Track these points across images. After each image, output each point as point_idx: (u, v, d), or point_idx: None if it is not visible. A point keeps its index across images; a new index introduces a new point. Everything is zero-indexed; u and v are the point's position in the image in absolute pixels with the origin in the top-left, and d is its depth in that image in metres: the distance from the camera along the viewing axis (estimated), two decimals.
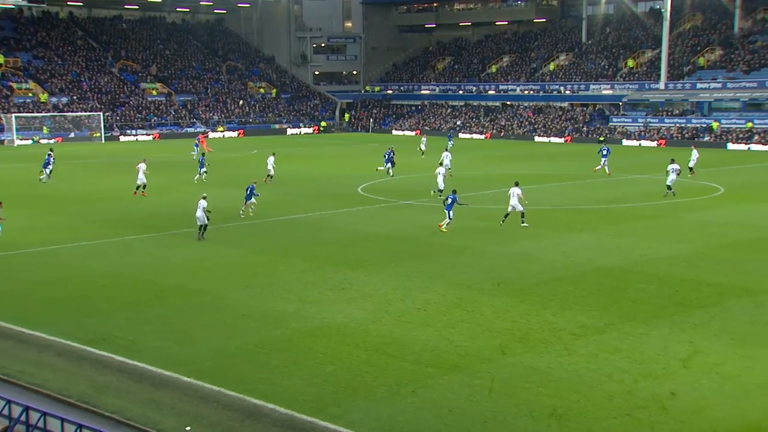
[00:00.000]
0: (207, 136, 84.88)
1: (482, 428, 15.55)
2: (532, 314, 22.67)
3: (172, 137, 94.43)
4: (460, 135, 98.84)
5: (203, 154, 55.71)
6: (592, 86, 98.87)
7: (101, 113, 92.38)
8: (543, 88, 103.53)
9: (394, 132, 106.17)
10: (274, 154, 52.47)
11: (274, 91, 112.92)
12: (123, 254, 30.75)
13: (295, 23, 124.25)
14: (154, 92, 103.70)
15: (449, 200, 35.33)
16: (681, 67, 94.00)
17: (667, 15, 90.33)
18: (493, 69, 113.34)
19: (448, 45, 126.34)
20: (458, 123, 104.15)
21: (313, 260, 29.69)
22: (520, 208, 35.88)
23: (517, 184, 36.61)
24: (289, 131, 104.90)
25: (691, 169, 52.51)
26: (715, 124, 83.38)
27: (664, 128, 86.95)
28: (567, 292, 25.30)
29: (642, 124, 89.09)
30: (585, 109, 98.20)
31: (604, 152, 55.12)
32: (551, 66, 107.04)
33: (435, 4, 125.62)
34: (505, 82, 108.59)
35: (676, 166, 44.65)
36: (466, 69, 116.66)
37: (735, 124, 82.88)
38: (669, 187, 43.97)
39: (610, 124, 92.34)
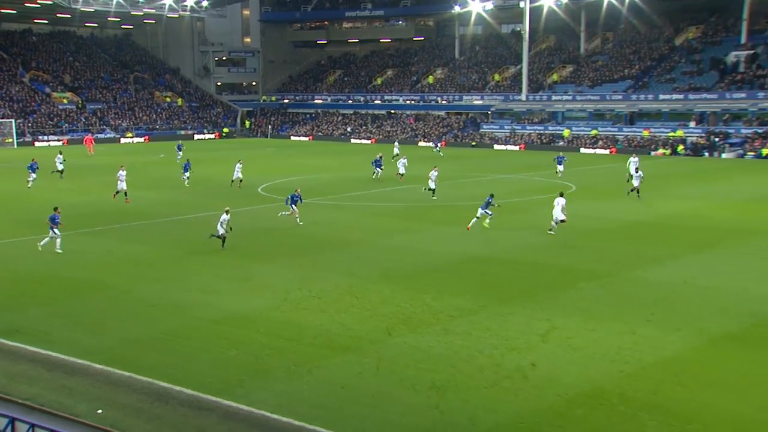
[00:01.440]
0: (93, 140, 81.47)
1: (371, 402, 15.68)
2: (415, 299, 22.93)
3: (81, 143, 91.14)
4: (351, 140, 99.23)
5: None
6: (465, 97, 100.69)
7: (13, 120, 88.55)
8: (423, 98, 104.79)
9: (292, 138, 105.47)
10: (240, 161, 50.32)
11: (180, 100, 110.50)
12: (37, 252, 29.55)
13: (198, 38, 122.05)
14: (65, 101, 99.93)
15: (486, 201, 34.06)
16: (539, 81, 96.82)
17: (526, 36, 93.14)
18: (379, 81, 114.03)
19: (338, 59, 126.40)
20: (348, 129, 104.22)
21: (218, 254, 29.25)
22: (561, 217, 32.65)
23: (561, 195, 33.68)
24: (196, 137, 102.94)
25: (630, 176, 49.54)
26: (566, 132, 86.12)
27: (526, 134, 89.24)
28: (445, 279, 25.70)
29: (508, 131, 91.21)
30: (459, 117, 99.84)
31: (560, 160, 54.63)
32: (429, 79, 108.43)
33: (326, 23, 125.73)
34: (389, 92, 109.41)
35: (639, 172, 43.38)
36: (355, 81, 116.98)
37: (583, 131, 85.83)
38: (635, 189, 42.60)
39: (481, 130, 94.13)
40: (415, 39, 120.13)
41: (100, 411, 14.91)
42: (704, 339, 19.17)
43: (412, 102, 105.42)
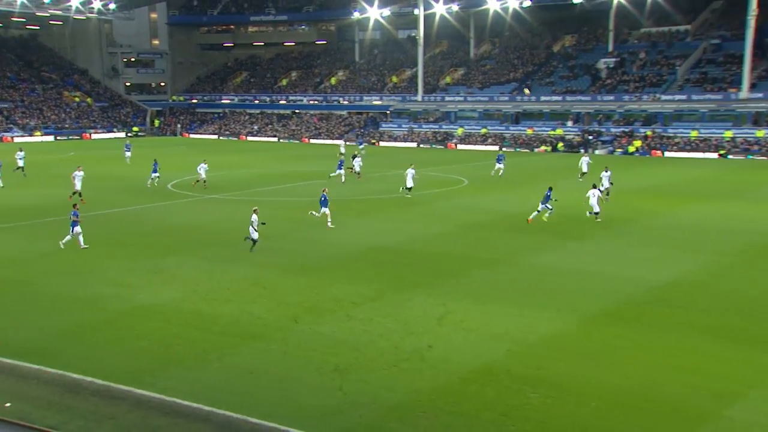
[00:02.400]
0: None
1: (278, 385, 15.58)
2: (320, 288, 22.88)
3: None
4: (257, 138, 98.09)
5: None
6: (365, 97, 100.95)
7: None
8: (325, 98, 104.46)
9: (202, 136, 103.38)
10: (205, 161, 47.95)
11: (89, 99, 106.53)
12: None
13: (106, 40, 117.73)
14: None
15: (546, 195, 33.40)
16: (433, 83, 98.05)
17: (421, 41, 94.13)
18: (284, 82, 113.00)
19: (245, 61, 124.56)
20: (255, 128, 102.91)
21: (130, 249, 28.44)
22: (597, 209, 33.45)
23: (594, 186, 34.44)
24: (104, 135, 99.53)
25: (584, 173, 49.57)
26: (460, 130, 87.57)
27: (422, 132, 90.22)
28: (348, 268, 25.75)
29: (406, 129, 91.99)
30: (360, 116, 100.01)
31: (500, 158, 52.83)
32: (332, 80, 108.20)
33: (232, 27, 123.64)
34: (294, 93, 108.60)
35: (607, 173, 40.59)
36: (261, 82, 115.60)
37: (474, 129, 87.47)
38: (606, 192, 39.51)
39: (380, 129, 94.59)
40: (317, 43, 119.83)
41: (8, 405, 14.26)
42: (581, 318, 19.86)
43: (316, 102, 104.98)
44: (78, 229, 28.12)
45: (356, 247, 29.06)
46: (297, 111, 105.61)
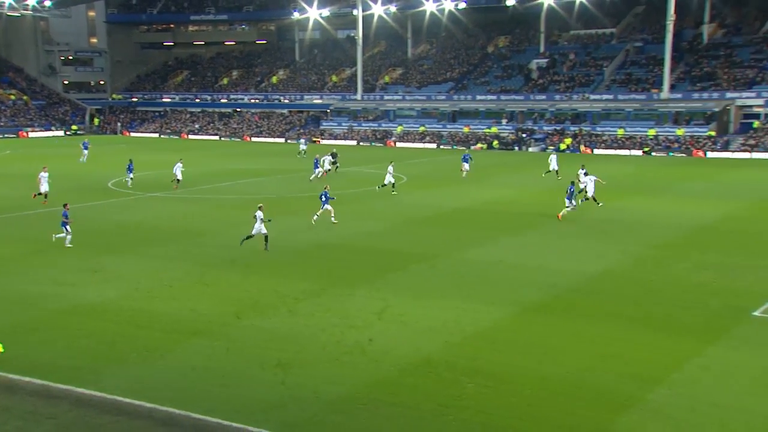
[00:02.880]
0: None
1: (221, 381, 15.41)
2: (262, 284, 22.72)
3: None
4: (199, 136, 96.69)
5: None
6: (306, 96, 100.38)
7: None
8: (267, 97, 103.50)
9: (143, 134, 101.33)
10: (181, 160, 46.48)
11: (26, 97, 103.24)
12: None
13: (42, 37, 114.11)
14: None
15: (569, 190, 33.61)
16: (372, 82, 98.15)
17: (360, 41, 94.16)
18: (225, 81, 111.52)
19: (185, 60, 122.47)
20: (196, 126, 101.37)
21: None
22: (591, 193, 36.52)
23: (585, 172, 37.41)
24: (42, 134, 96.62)
25: (557, 172, 49.18)
26: (399, 128, 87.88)
27: (362, 130, 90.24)
28: (290, 264, 25.62)
29: (346, 127, 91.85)
30: (301, 115, 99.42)
31: (466, 158, 51.21)
32: (273, 79, 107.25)
33: (171, 26, 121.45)
34: (235, 92, 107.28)
35: (592, 177, 38.02)
36: (202, 81, 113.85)
37: (413, 127, 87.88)
38: (594, 199, 37.11)
39: (321, 127, 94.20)
40: (258, 42, 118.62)
41: None
42: (516, 310, 20.18)
43: (257, 101, 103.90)
44: (69, 228, 27.66)
45: (298, 244, 28.92)
46: (238, 109, 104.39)
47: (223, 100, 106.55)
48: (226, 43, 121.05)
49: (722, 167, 57.19)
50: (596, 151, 72.92)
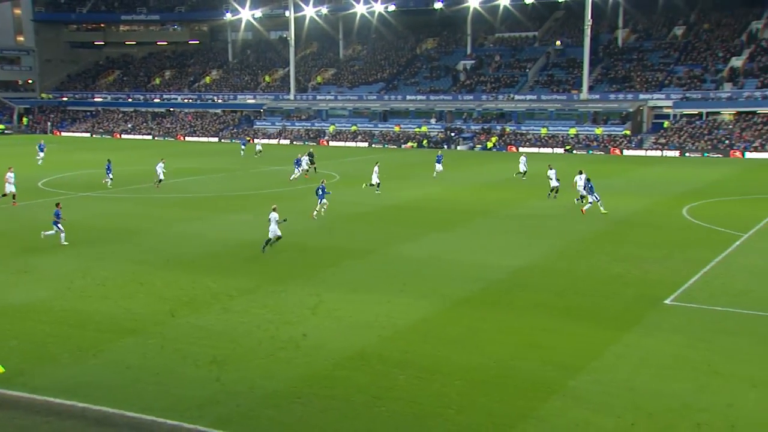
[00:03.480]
0: None
1: (155, 379, 15.09)
2: (197, 282, 22.34)
3: None
4: (132, 136, 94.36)
5: None
6: (239, 96, 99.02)
7: None
8: (200, 97, 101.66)
9: (74, 134, 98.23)
10: (163, 160, 45.05)
11: None
12: None
13: None
14: None
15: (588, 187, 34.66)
16: (305, 83, 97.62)
17: (292, 42, 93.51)
18: (157, 81, 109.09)
19: (117, 60, 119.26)
20: (129, 126, 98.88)
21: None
22: (582, 192, 35.57)
23: (581, 172, 36.58)
24: None
25: (524, 173, 47.41)
26: (331, 128, 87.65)
27: (295, 130, 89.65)
28: (224, 262, 25.27)
29: (279, 127, 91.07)
30: (235, 114, 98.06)
31: (439, 159, 49.22)
32: (207, 79, 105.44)
33: (102, 25, 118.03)
34: (168, 92, 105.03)
35: (582, 176, 36.87)
36: (134, 80, 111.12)
37: (345, 126, 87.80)
38: (582, 197, 36.11)
39: (255, 126, 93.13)
40: (190, 42, 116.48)
41: None
42: (446, 303, 20.38)
43: (191, 100, 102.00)
44: (61, 227, 27.27)
45: (232, 242, 28.56)
46: (172, 109, 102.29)
47: (156, 100, 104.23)
48: (159, 43, 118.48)
49: (637, 164, 59.04)
50: (521, 149, 74.27)
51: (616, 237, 29.38)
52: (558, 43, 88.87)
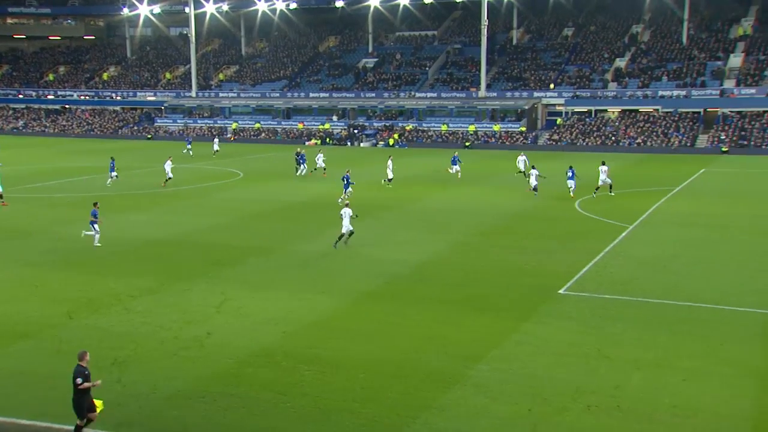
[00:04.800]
0: None
1: (50, 383, 14.47)
2: (97, 283, 21.56)
3: None
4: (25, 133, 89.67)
5: None
6: (139, 93, 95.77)
7: None
8: (98, 94, 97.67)
9: None
10: (170, 158, 43.34)
11: None
12: None
13: None
14: None
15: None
16: (207, 80, 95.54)
17: (193, 39, 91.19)
18: (51, 77, 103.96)
19: (5, 54, 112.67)
20: (21, 123, 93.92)
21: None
22: (608, 181, 38.12)
23: (604, 163, 38.56)
24: None
25: (457, 172, 46.02)
26: (234, 125, 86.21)
27: (197, 127, 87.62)
28: (126, 262, 24.50)
29: (181, 124, 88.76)
30: (134, 112, 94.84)
31: (455, 160, 46.59)
32: (104, 76, 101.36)
33: None
34: (63, 88, 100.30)
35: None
36: (25, 76, 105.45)
37: (248, 124, 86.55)
38: (605, 186, 38.24)
39: (156, 124, 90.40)
40: (85, 37, 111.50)
41: None
42: (350, 298, 20.46)
43: (87, 97, 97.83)
44: (97, 228, 26.31)
45: (133, 241, 27.68)
46: (68, 106, 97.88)
47: (50, 96, 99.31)
48: (51, 37, 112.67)
49: (533, 160, 60.81)
50: (423, 146, 75.29)
51: (514, 230, 30.25)
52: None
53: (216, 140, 67.23)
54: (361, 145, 77.22)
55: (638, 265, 23.93)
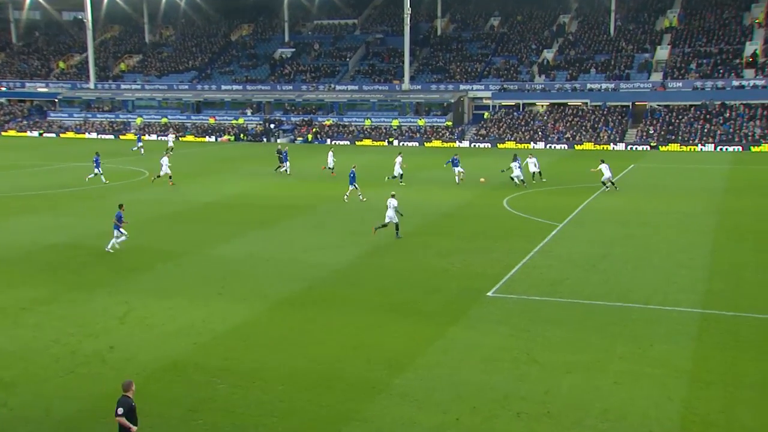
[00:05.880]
0: None
1: None
2: None
3: None
4: None
5: None
6: (27, 84, 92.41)
7: None
8: None
9: None
10: (168, 151, 42.79)
11: None
12: None
13: None
14: None
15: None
16: (107, 70, 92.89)
17: (89, 24, 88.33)
18: None
19: None
20: None
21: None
22: (607, 175, 39.21)
23: (603, 161, 40.27)
24: None
25: (401, 175, 44.57)
26: (139, 120, 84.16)
27: (97, 122, 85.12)
28: (14, 271, 23.59)
29: (79, 119, 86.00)
30: (23, 104, 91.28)
31: (455, 162, 45.04)
32: None
33: None
34: None
35: (530, 160, 43.16)
36: None
37: (154, 119, 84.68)
38: (522, 181, 41.54)
39: (48, 118, 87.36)
40: None
41: None
42: (268, 305, 20.29)
43: None
44: (122, 231, 26.14)
45: (24, 247, 26.70)
46: None
47: None
48: None
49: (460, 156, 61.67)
50: (344, 142, 75.32)
51: (440, 230, 30.61)
52: None
53: (170, 136, 65.73)
54: (278, 141, 76.67)
55: (568, 264, 24.61)
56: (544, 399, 14.32)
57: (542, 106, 76.57)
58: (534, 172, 44.24)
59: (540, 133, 71.49)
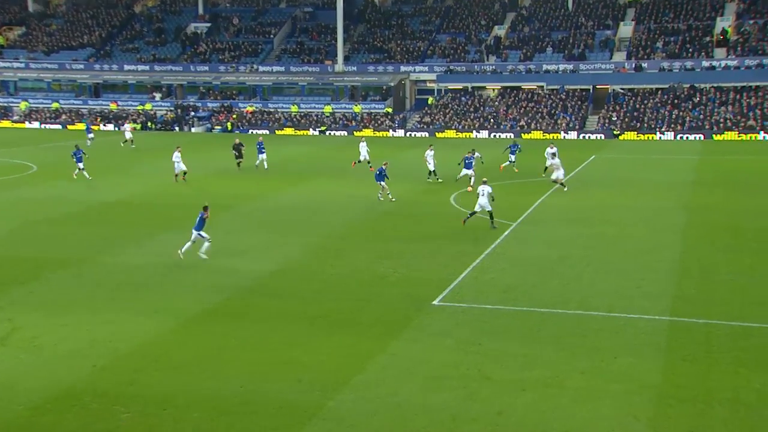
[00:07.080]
0: None
1: None
2: None
3: None
4: None
5: None
6: None
7: None
8: None
9: None
10: (179, 148, 41.99)
11: None
12: None
13: None
14: None
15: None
16: None
17: None
18: None
19: None
20: None
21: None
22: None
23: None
24: None
25: (369, 162, 47.76)
26: (23, 104, 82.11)
27: None
28: None
29: None
30: None
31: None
32: None
33: None
34: None
35: (478, 155, 43.34)
36: None
37: (43, 103, 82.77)
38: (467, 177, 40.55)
39: None
40: None
41: None
42: (181, 319, 20.07)
43: None
44: (198, 234, 25.52)
45: None
46: None
47: None
48: None
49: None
50: (268, 131, 74.91)
51: (379, 231, 30.73)
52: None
53: (127, 126, 64.08)
54: (193, 130, 75.87)
55: (523, 268, 24.99)
56: (497, 420, 14.52)
57: (493, 89, 77.52)
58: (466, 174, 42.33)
59: (491, 120, 72.34)
